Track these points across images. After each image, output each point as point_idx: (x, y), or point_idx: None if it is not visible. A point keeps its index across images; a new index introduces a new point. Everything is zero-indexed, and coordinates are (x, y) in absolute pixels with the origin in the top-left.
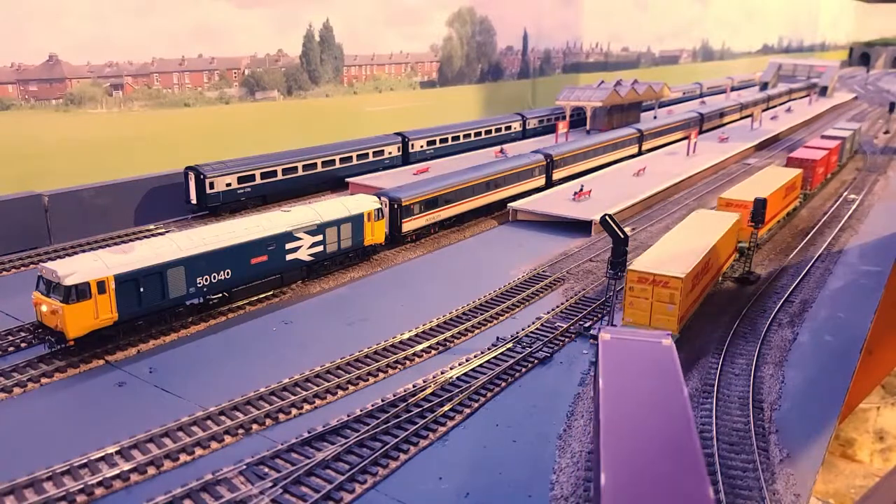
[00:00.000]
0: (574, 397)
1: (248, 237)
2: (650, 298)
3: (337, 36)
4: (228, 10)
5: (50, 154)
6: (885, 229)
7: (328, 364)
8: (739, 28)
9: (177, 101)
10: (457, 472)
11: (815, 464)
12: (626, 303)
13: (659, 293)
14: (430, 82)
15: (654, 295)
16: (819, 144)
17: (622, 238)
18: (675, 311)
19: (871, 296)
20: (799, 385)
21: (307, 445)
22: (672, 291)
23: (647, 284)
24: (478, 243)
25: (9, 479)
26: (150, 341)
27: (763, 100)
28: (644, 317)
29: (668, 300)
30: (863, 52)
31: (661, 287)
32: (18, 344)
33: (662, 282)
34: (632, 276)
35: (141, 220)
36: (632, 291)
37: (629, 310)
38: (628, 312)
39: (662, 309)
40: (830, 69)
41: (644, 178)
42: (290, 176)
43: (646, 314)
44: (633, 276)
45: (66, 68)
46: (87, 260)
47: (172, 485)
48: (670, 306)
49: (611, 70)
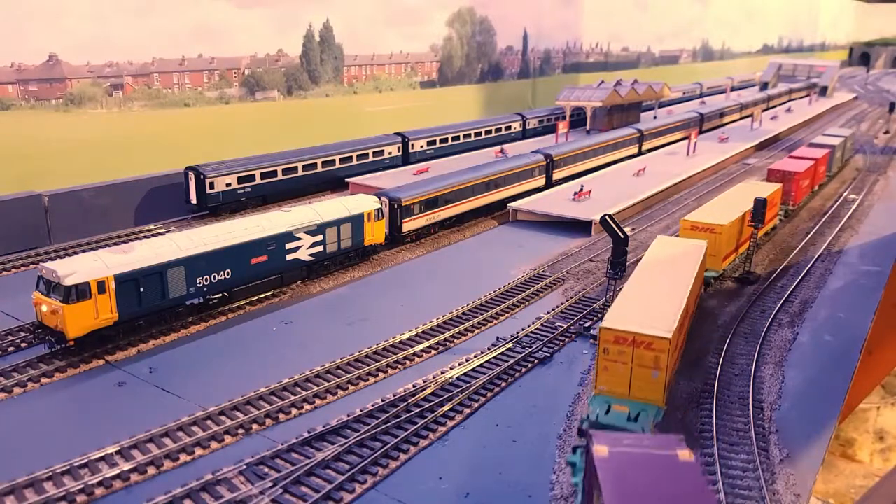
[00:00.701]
0: (574, 397)
1: (248, 237)
2: (629, 363)
3: (337, 36)
4: (228, 10)
5: (50, 154)
6: (885, 229)
7: (328, 364)
8: (739, 28)
9: (177, 101)
10: (457, 472)
11: (815, 464)
12: (600, 367)
13: (641, 356)
14: (430, 82)
15: (635, 358)
16: (805, 154)
17: (622, 238)
18: (662, 379)
19: (871, 296)
20: (799, 385)
21: (307, 445)
22: (657, 354)
23: (625, 346)
24: (478, 243)
25: (9, 479)
26: (150, 341)
27: (763, 100)
28: (622, 384)
29: (653, 364)
30: (863, 52)
31: (643, 349)
32: (18, 344)
33: (645, 343)
34: (606, 336)
35: (141, 220)
36: (606, 355)
37: (603, 376)
38: (602, 379)
39: (645, 376)
40: (830, 69)
41: (644, 178)
42: (290, 176)
43: (624, 381)
44: (607, 335)
45: (66, 68)
46: (87, 260)
47: (172, 485)
48: (655, 372)
49: (611, 70)
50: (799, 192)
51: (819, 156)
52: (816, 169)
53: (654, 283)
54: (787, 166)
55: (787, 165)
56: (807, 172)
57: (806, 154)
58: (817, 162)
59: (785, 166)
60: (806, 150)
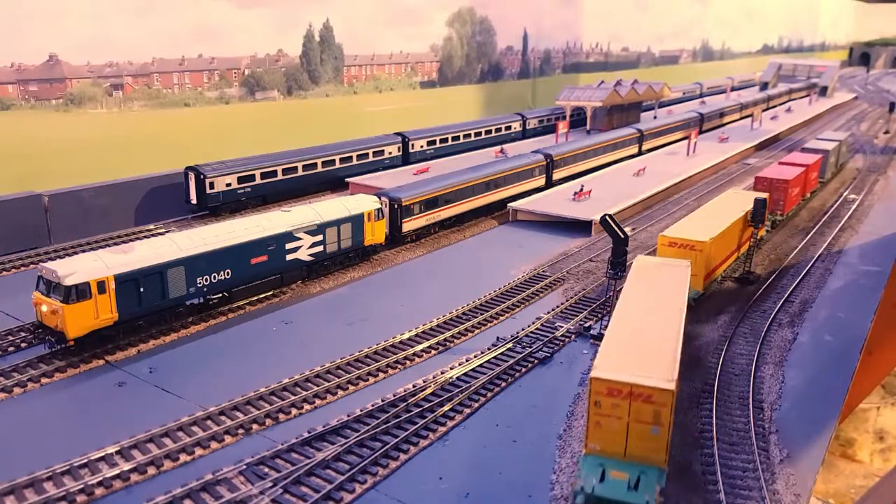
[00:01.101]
0: (574, 397)
1: (248, 237)
2: (625, 418)
3: (337, 36)
4: (228, 10)
5: (50, 154)
6: (885, 229)
7: (328, 364)
8: (739, 28)
9: (177, 101)
10: (457, 472)
11: (815, 464)
12: (591, 423)
13: (639, 410)
14: (430, 82)
15: (632, 413)
16: (795, 160)
17: (622, 238)
18: (663, 435)
19: (871, 296)
20: (799, 385)
21: (307, 445)
22: (658, 408)
23: (620, 398)
24: (478, 243)
25: (9, 479)
26: (150, 341)
27: (763, 100)
28: (616, 442)
29: (653, 420)
30: (863, 52)
31: (641, 402)
32: (18, 344)
33: (643, 395)
34: (598, 388)
35: (141, 220)
36: (598, 408)
37: (595, 433)
38: (594, 436)
39: (643, 432)
40: (830, 69)
41: (644, 178)
42: (290, 176)
43: (619, 439)
44: (599, 386)
45: (66, 68)
46: (87, 260)
47: (172, 485)
48: (655, 428)
49: (611, 70)
50: (788, 201)
51: (810, 162)
52: (807, 176)
53: (642, 317)
54: (775, 174)
55: (775, 173)
56: (797, 180)
57: (796, 160)
58: (808, 168)
59: (773, 174)
60: (797, 156)
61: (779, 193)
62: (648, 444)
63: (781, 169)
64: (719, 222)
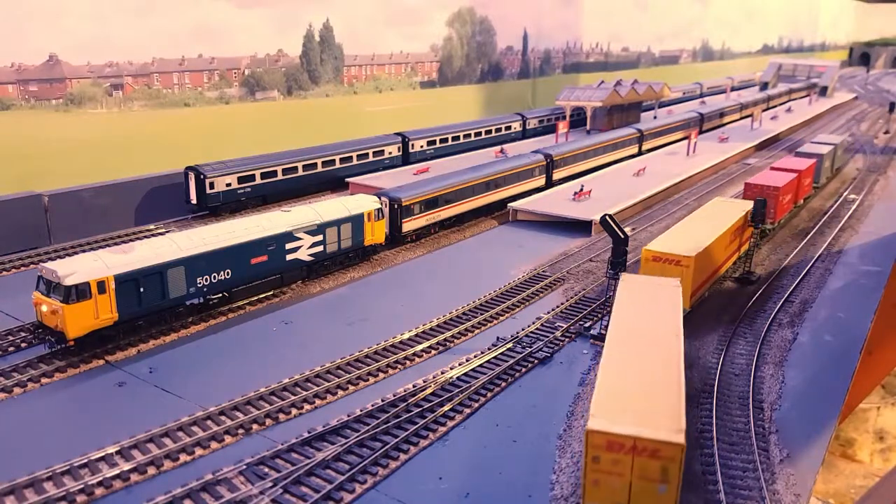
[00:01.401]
0: (574, 397)
1: (248, 237)
2: (628, 475)
3: (337, 36)
4: (228, 10)
5: (50, 154)
6: (885, 229)
7: (328, 364)
8: (739, 28)
9: (177, 101)
10: (457, 472)
11: (815, 464)
12: (588, 480)
13: (644, 467)
14: (430, 82)
15: (636, 469)
16: (788, 165)
17: (622, 238)
18: (672, 494)
19: (871, 296)
20: (799, 385)
21: (307, 445)
22: (666, 464)
23: (623, 453)
24: (478, 243)
25: (9, 479)
26: (150, 341)
27: (763, 100)
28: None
29: (660, 477)
30: (863, 52)
31: (646, 457)
32: (18, 344)
33: (649, 449)
34: (596, 441)
35: (141, 220)
36: (597, 464)
37: (594, 492)
38: (592, 496)
39: (649, 491)
40: (830, 69)
41: (644, 178)
42: (290, 176)
43: (621, 498)
44: (597, 440)
45: (66, 68)
46: (87, 260)
47: (172, 485)
48: (662, 486)
49: (611, 70)
50: (780, 209)
51: (804, 167)
52: (800, 182)
53: (637, 350)
54: (766, 180)
55: (766, 179)
56: (789, 186)
57: (789, 165)
58: (801, 174)
59: (764, 180)
60: (790, 161)
61: (770, 200)
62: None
63: (773, 175)
64: (706, 235)
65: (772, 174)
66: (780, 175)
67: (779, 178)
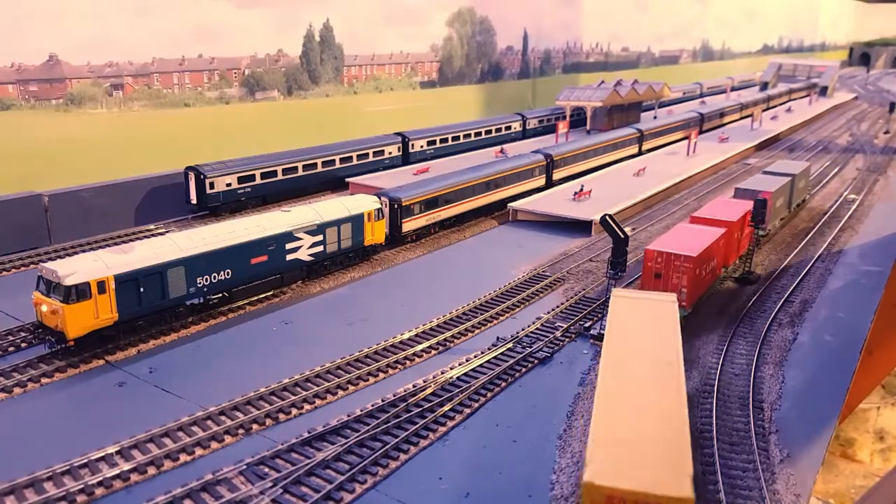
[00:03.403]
0: (574, 397)
1: (248, 237)
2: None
3: (337, 36)
4: (228, 10)
5: (50, 154)
6: (885, 229)
7: (328, 364)
8: (739, 28)
9: (177, 101)
10: (457, 472)
11: (815, 464)
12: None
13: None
14: (430, 82)
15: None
16: (716, 214)
17: (622, 238)
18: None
19: (871, 296)
20: (799, 385)
21: (307, 445)
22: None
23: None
24: (478, 243)
25: (9, 479)
26: (150, 341)
27: (763, 100)
28: None
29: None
30: (863, 52)
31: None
32: (18, 344)
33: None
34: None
35: (141, 220)
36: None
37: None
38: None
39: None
40: (830, 69)
41: (644, 178)
42: (290, 176)
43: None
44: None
45: (66, 68)
46: (87, 260)
47: (172, 485)
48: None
49: (611, 70)
50: (693, 288)
51: (736, 217)
52: (729, 238)
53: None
54: (670, 245)
55: (673, 245)
56: (706, 253)
57: (718, 214)
58: (729, 229)
59: (669, 245)
60: (720, 207)
61: (677, 276)
62: None
63: (687, 234)
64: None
65: (686, 233)
66: (695, 235)
67: (692, 242)
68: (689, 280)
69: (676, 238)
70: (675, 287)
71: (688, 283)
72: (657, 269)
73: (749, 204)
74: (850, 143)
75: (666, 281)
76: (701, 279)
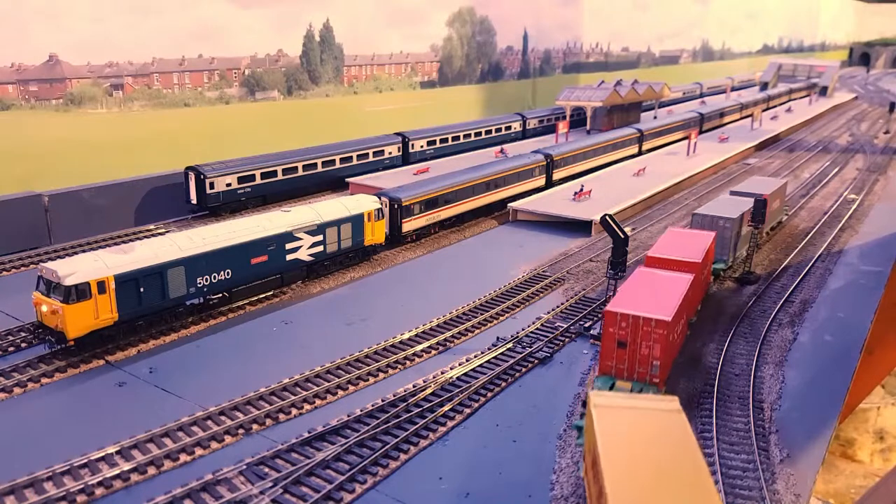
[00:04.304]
0: (574, 397)
1: (248, 237)
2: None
3: (337, 36)
4: (228, 10)
5: (50, 154)
6: (885, 229)
7: (328, 364)
8: (739, 28)
9: (177, 101)
10: (457, 472)
11: (815, 464)
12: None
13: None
14: (430, 82)
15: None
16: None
17: (622, 238)
18: None
19: (871, 296)
20: (799, 385)
21: (307, 445)
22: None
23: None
24: (478, 243)
25: (9, 479)
26: (150, 341)
27: (763, 100)
28: None
29: None
30: (863, 52)
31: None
32: (18, 344)
33: None
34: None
35: (141, 220)
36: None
37: None
38: None
39: None
40: (830, 69)
41: (644, 178)
42: (290, 176)
43: None
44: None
45: (67, 68)
46: (87, 260)
47: (172, 485)
48: None
49: (611, 70)
50: (665, 362)
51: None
52: (696, 284)
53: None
54: (639, 305)
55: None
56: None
57: (678, 253)
58: (697, 274)
59: (635, 304)
60: (678, 242)
61: (647, 344)
62: None
63: (650, 285)
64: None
65: (644, 289)
66: (659, 288)
67: (658, 298)
68: (663, 349)
69: (639, 291)
70: (646, 359)
71: (661, 352)
72: (621, 337)
73: (709, 235)
74: (850, 143)
75: (633, 351)
76: (673, 345)
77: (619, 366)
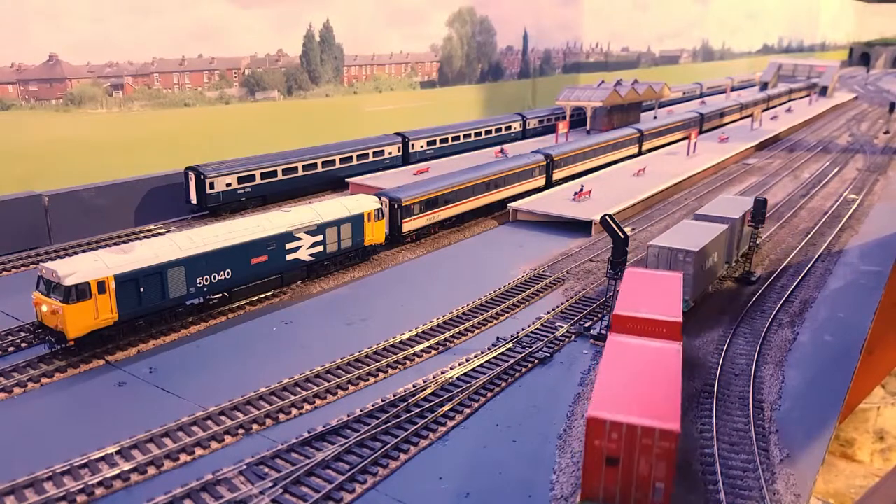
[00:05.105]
0: (574, 397)
1: (248, 237)
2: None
3: (337, 36)
4: (228, 10)
5: (50, 154)
6: (885, 229)
7: (328, 364)
8: (739, 28)
9: (177, 101)
10: (457, 472)
11: (815, 464)
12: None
13: None
14: (430, 82)
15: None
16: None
17: (622, 238)
18: None
19: (871, 296)
20: (799, 385)
21: (307, 445)
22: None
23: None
24: (478, 243)
25: (9, 479)
26: (150, 341)
27: (763, 100)
28: None
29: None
30: (863, 52)
31: None
32: (18, 344)
33: None
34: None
35: (141, 220)
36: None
37: None
38: None
39: None
40: (830, 69)
41: (644, 178)
42: (290, 176)
43: None
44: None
45: (67, 68)
46: (87, 260)
47: (172, 485)
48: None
49: (611, 70)
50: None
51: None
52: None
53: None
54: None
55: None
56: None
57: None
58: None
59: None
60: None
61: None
62: None
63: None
64: None
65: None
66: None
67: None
68: (668, 466)
69: (625, 381)
70: (645, 480)
71: (666, 471)
72: (611, 452)
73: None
74: (850, 143)
75: (627, 470)
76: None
77: (609, 487)
